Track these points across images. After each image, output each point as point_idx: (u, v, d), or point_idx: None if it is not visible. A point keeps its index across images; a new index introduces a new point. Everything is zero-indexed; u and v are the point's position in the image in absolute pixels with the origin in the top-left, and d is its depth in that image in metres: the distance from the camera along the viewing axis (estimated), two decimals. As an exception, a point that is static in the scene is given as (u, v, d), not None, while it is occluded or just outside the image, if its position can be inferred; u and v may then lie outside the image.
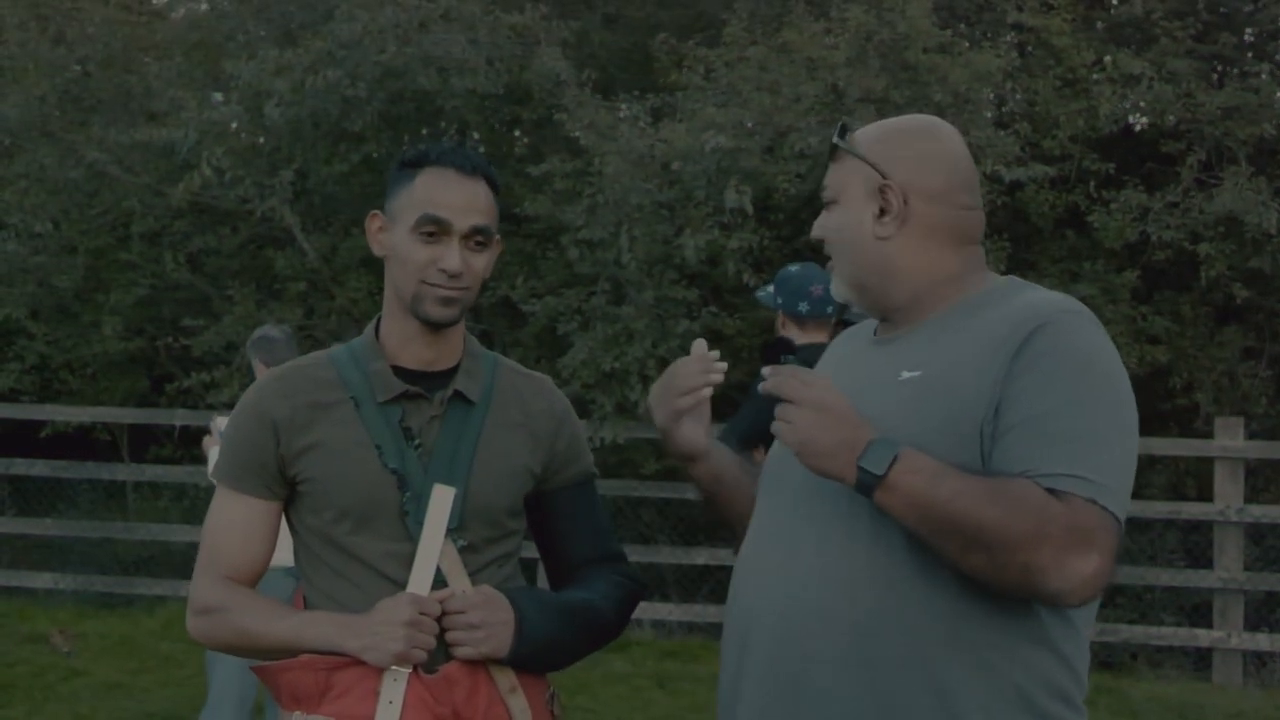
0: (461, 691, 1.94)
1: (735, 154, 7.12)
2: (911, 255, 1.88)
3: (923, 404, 1.75)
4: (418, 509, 1.98)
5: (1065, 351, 1.72)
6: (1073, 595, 1.66)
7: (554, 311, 7.76)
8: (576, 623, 2.05)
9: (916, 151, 1.90)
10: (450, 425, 2.04)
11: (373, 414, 2.02)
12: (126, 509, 9.59)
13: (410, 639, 1.90)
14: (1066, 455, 1.67)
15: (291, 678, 1.97)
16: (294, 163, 8.49)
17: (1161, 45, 8.37)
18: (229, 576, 2.06)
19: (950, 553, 1.68)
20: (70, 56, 9.13)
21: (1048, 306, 1.78)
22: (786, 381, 1.75)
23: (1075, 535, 1.63)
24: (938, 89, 7.38)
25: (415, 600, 1.93)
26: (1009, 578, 1.66)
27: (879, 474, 1.66)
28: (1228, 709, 6.48)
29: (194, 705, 6.12)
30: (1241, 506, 7.08)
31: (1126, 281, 8.17)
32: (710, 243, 7.20)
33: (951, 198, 1.90)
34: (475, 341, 2.14)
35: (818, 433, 1.70)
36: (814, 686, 1.76)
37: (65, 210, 9.19)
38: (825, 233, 1.96)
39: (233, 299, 8.99)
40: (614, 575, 2.16)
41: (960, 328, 1.83)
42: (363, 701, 1.93)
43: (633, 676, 6.77)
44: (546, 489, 2.14)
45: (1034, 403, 1.70)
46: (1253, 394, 8.39)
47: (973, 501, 1.64)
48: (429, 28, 8.03)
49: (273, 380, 2.09)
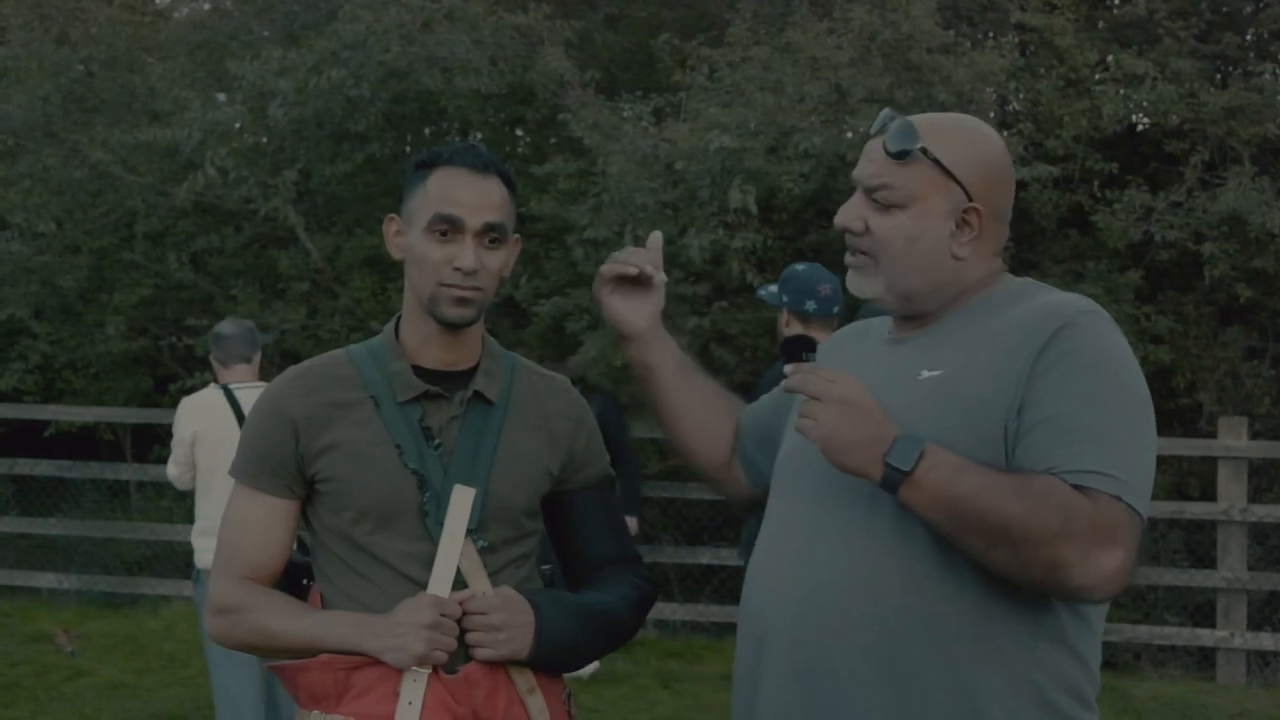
0: (481, 692, 1.95)
1: (739, 154, 7.12)
2: (973, 271, 1.89)
3: (944, 402, 1.75)
4: (438, 509, 1.98)
5: (1087, 351, 1.73)
6: (1097, 591, 1.67)
7: (561, 311, 7.76)
8: (594, 625, 2.05)
9: (993, 170, 1.89)
10: (470, 426, 2.03)
11: (393, 414, 2.01)
12: (130, 509, 9.59)
13: (431, 641, 1.90)
14: (1091, 452, 1.68)
15: (310, 677, 1.96)
16: (297, 163, 8.50)
17: (1165, 45, 8.37)
18: (247, 576, 2.05)
19: (975, 549, 1.68)
20: (74, 57, 9.14)
21: (1067, 307, 1.79)
22: (811, 378, 1.74)
23: (1100, 531, 1.64)
24: (941, 89, 7.38)
25: (436, 602, 1.92)
26: (1034, 573, 1.66)
27: (905, 470, 1.66)
28: (1231, 709, 6.48)
29: (198, 705, 6.12)
30: (1245, 506, 7.08)
31: (1130, 281, 8.17)
32: (714, 242, 7.20)
33: (1008, 214, 1.94)
34: (494, 342, 2.14)
35: (843, 428, 1.70)
36: (835, 684, 1.75)
37: (69, 210, 9.20)
38: (884, 234, 1.87)
39: (236, 299, 9.00)
40: (631, 577, 2.16)
41: (980, 328, 1.83)
42: (382, 702, 1.93)
43: (636, 676, 6.77)
44: (564, 490, 2.14)
45: (1057, 401, 1.70)
46: (1256, 394, 8.39)
47: (998, 497, 1.65)
48: (432, 28, 8.04)
49: (292, 379, 2.09)
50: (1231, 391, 8.44)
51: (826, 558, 1.79)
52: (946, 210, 1.86)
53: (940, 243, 1.87)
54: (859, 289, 1.93)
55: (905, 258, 1.86)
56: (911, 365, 1.82)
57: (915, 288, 1.88)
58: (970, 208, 1.86)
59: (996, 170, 1.91)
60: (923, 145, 1.85)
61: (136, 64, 9.32)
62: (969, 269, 1.89)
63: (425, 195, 2.02)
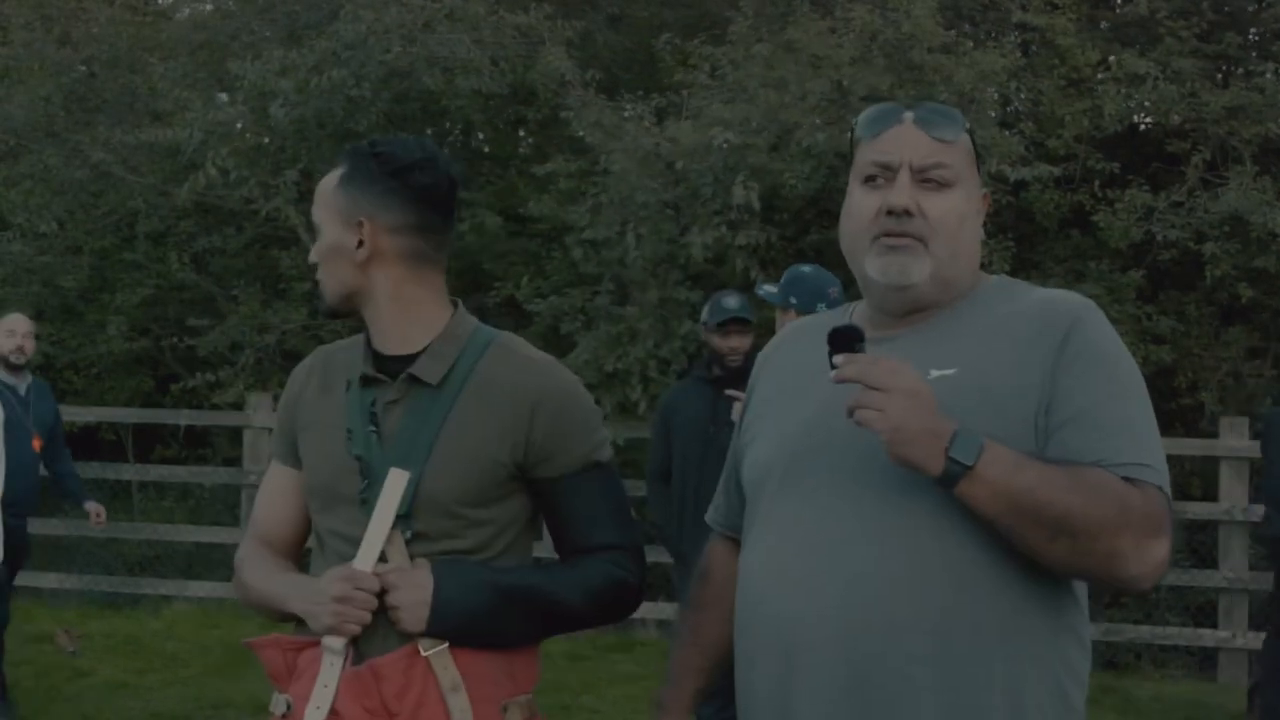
0: (391, 686, 1.92)
1: (742, 150, 7.12)
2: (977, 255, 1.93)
3: (970, 400, 1.72)
4: (373, 494, 1.98)
5: (1100, 345, 1.76)
6: (1146, 580, 1.68)
7: (558, 311, 7.76)
8: (510, 599, 1.98)
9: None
10: (412, 410, 2.01)
11: (354, 397, 2.05)
12: (131, 509, 9.59)
13: (338, 614, 1.92)
14: (1128, 445, 1.70)
15: (267, 656, 2.04)
16: (299, 163, 8.51)
17: (1166, 45, 8.36)
18: (263, 539, 2.15)
19: (1034, 541, 1.66)
20: (75, 57, 9.16)
21: (1071, 302, 1.80)
22: (873, 368, 1.68)
23: (1151, 521, 1.66)
24: (943, 88, 7.38)
25: (351, 575, 1.93)
26: (1092, 564, 1.67)
27: (969, 464, 1.64)
28: (1233, 709, 6.47)
29: (199, 705, 6.13)
30: (1247, 506, 7.07)
31: (1131, 281, 8.16)
32: (716, 240, 7.20)
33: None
34: (466, 324, 2.08)
35: (911, 420, 1.64)
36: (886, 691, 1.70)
37: (70, 210, 9.21)
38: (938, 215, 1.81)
39: (238, 299, 9.01)
40: (597, 563, 2.07)
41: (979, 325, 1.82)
42: (313, 683, 1.96)
43: (639, 676, 6.76)
44: (540, 478, 2.04)
45: (1087, 396, 1.71)
46: (1258, 393, 8.38)
47: (1057, 490, 1.64)
48: (433, 28, 8.05)
49: (311, 356, 2.19)
50: (1233, 391, 8.44)
51: (863, 557, 1.72)
52: (978, 192, 1.88)
53: (978, 223, 1.88)
54: (904, 274, 1.82)
55: (956, 239, 1.83)
56: (917, 364, 1.75)
57: (957, 270, 1.85)
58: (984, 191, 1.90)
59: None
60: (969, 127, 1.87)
61: (138, 64, 9.33)
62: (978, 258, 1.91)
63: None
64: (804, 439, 1.82)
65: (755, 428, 1.97)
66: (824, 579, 1.74)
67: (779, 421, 1.89)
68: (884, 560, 1.72)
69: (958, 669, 1.69)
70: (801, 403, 1.85)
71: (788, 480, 1.84)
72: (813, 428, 1.81)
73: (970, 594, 1.70)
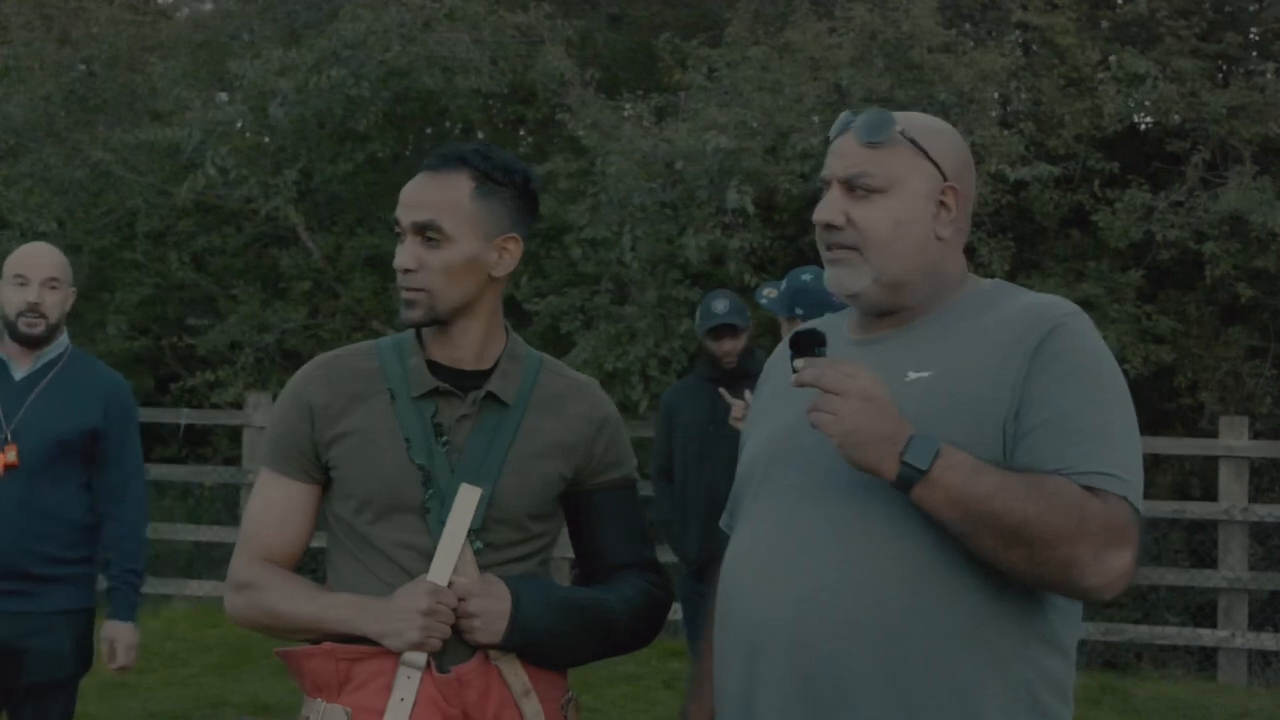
0: (473, 693, 1.95)
1: (738, 154, 7.12)
2: (951, 257, 1.89)
3: (940, 403, 1.74)
4: (441, 506, 1.99)
5: (1080, 351, 1.75)
6: (1107, 590, 1.68)
7: (557, 311, 7.76)
8: (581, 619, 2.04)
9: (961, 155, 1.90)
10: (483, 426, 2.04)
11: (406, 408, 2.03)
12: (131, 508, 9.58)
13: (427, 628, 1.91)
14: (1097, 453, 1.69)
15: (314, 665, 1.99)
16: (298, 162, 8.51)
17: (1166, 44, 8.36)
18: (265, 556, 2.08)
19: (989, 549, 1.67)
20: (75, 56, 9.16)
21: (1055, 308, 1.79)
22: (829, 372, 1.70)
23: (1112, 531, 1.66)
24: (942, 88, 7.38)
25: (434, 590, 1.93)
26: (1047, 573, 1.67)
27: (922, 469, 1.65)
28: (1233, 709, 6.47)
29: (198, 705, 6.13)
30: (1246, 506, 7.07)
31: (1131, 281, 8.17)
32: (713, 242, 7.20)
33: (972, 207, 1.94)
34: (519, 343, 2.14)
35: (864, 423, 1.67)
36: (839, 689, 1.73)
37: (70, 210, 9.20)
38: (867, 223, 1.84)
39: (237, 298, 9.01)
40: (639, 581, 2.14)
41: (962, 329, 1.82)
42: (378, 695, 1.94)
43: (639, 676, 6.76)
44: (581, 490, 2.12)
45: (1058, 402, 1.71)
46: (1258, 393, 8.38)
47: (1014, 497, 1.64)
48: (433, 27, 8.05)
49: (316, 366, 2.12)
50: (1233, 391, 8.44)
51: (823, 559, 1.75)
52: (927, 192, 1.86)
53: (924, 224, 1.86)
54: (842, 284, 1.87)
55: (892, 243, 1.84)
56: (895, 366, 1.79)
57: (904, 274, 1.85)
58: (948, 187, 1.86)
59: (964, 156, 1.92)
60: (900, 128, 1.85)
61: (138, 63, 9.33)
62: (951, 256, 1.89)
63: None
64: (783, 442, 1.85)
65: (749, 430, 2.02)
66: (787, 581, 1.77)
67: (765, 425, 1.94)
68: (844, 563, 1.74)
69: (910, 669, 1.71)
70: (786, 407, 1.87)
71: (765, 483, 1.88)
72: (792, 431, 1.83)
73: (926, 598, 1.71)
